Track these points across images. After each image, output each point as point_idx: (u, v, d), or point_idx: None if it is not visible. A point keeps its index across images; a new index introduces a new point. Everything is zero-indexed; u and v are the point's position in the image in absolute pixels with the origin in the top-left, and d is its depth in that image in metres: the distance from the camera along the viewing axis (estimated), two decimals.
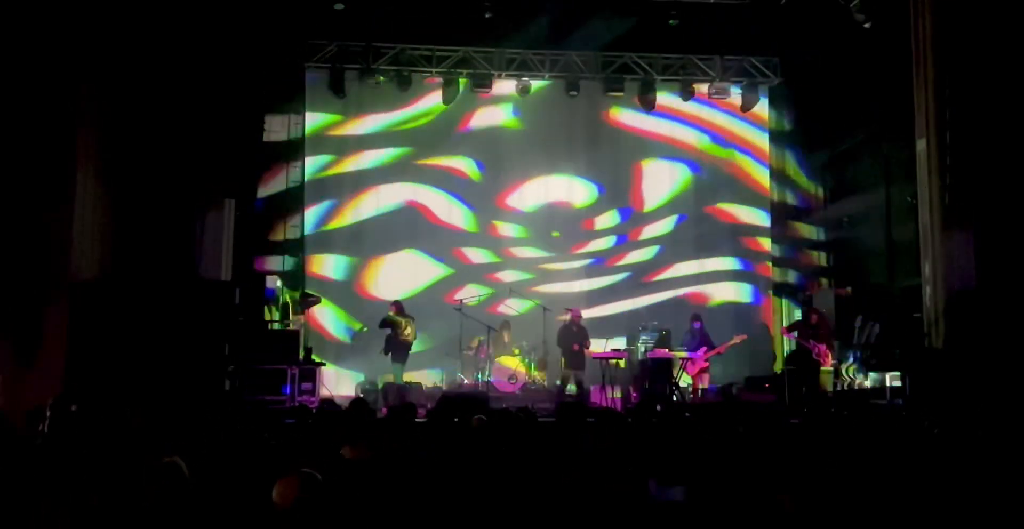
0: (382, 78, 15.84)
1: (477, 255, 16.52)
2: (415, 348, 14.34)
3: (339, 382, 15.13)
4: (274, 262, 15.89)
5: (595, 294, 16.44)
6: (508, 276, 16.34)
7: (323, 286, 15.91)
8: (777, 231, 17.02)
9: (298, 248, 16.02)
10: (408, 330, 14.00)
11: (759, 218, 17.04)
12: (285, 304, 14.43)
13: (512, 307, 15.91)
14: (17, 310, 9.92)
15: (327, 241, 16.20)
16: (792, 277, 17.07)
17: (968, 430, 6.44)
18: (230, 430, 6.64)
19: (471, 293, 15.60)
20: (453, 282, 16.15)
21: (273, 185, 16.05)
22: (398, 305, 14.23)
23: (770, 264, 17.00)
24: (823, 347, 13.64)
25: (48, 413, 6.88)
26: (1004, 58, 11.56)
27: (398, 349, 14.00)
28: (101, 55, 10.87)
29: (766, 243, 17.04)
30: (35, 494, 4.53)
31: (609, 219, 16.83)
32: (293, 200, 16.12)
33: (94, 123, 10.92)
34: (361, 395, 13.30)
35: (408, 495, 4.83)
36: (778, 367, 15.76)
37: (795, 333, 14.16)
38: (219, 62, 13.15)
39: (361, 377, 15.25)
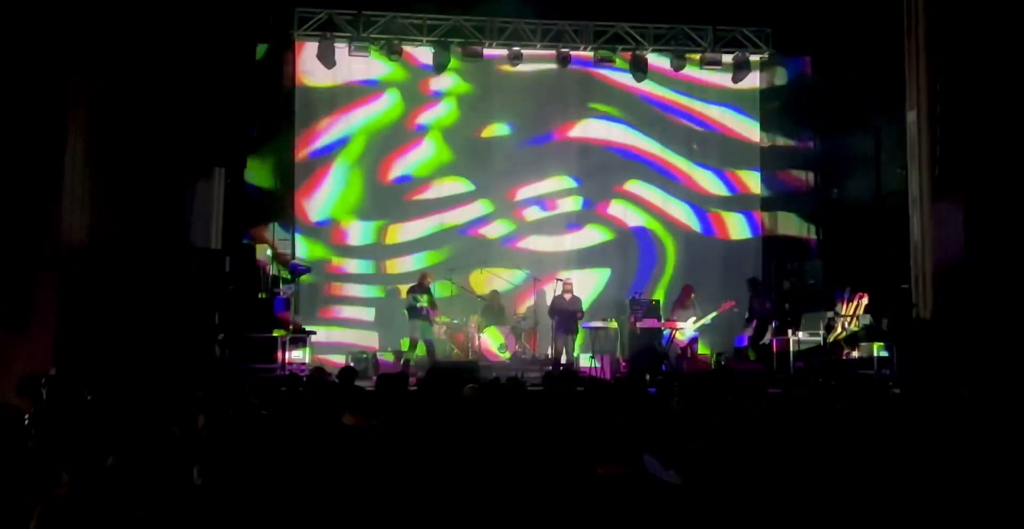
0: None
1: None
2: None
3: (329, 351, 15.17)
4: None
5: (583, 258, 16.41)
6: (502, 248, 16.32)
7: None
8: (767, 202, 17.01)
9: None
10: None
11: (751, 186, 17.02)
12: (276, 275, 14.40)
13: (503, 278, 15.88)
14: (7, 278, 9.91)
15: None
16: (782, 246, 17.05)
17: (952, 400, 6.51)
18: (225, 397, 6.68)
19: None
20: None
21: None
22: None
23: (760, 234, 17.00)
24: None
25: (46, 380, 6.92)
26: (995, 30, 11.56)
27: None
28: (91, 25, 10.78)
29: (755, 213, 17.03)
30: (28, 466, 4.55)
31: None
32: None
33: (83, 92, 10.85)
34: (352, 364, 13.33)
35: (399, 463, 4.88)
36: None
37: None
38: (208, 30, 13.05)
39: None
